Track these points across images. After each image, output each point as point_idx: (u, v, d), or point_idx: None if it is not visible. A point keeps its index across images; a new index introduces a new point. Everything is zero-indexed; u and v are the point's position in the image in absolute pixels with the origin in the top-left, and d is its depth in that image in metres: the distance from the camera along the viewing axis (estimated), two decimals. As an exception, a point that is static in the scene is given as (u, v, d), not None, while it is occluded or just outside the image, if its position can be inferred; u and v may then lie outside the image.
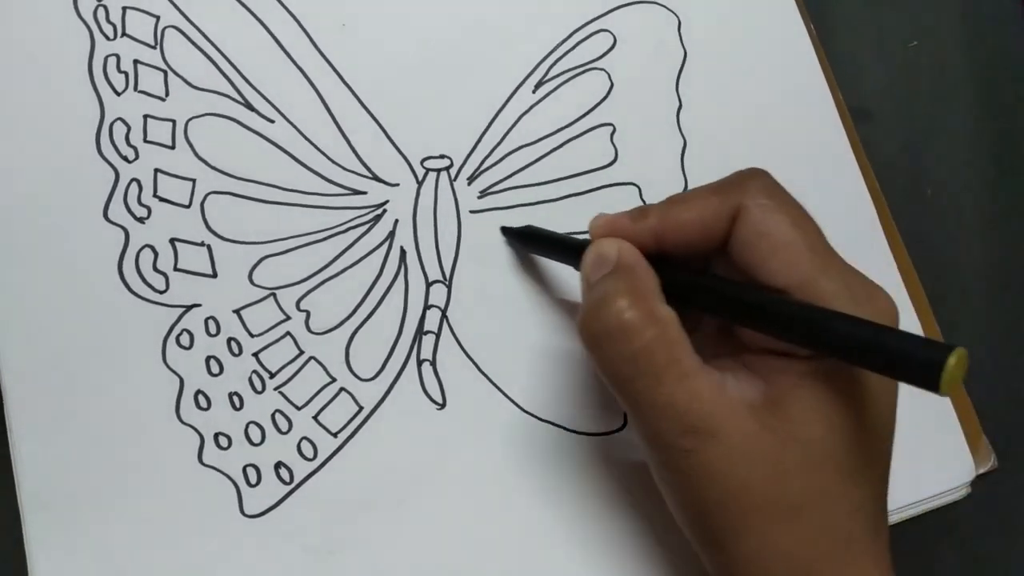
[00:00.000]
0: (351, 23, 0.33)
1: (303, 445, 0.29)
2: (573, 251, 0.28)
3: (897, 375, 0.21)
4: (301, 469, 0.29)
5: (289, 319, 0.30)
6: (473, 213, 0.32)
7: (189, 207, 0.30)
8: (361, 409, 0.30)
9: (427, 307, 0.31)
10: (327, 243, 0.31)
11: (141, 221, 0.30)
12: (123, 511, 0.28)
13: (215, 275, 0.30)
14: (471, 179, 0.32)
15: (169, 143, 0.30)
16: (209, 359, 0.29)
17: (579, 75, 0.34)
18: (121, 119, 0.30)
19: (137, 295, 0.29)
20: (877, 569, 0.23)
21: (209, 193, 0.30)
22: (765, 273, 0.24)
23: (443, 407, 0.30)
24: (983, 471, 0.33)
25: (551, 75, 0.34)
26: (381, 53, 0.33)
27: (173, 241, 0.30)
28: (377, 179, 0.32)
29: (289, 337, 0.30)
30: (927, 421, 0.33)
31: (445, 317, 0.31)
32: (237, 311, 0.30)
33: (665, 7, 0.36)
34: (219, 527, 0.28)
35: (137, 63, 0.31)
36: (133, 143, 0.30)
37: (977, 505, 0.34)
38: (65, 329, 0.28)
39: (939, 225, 0.41)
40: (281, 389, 0.29)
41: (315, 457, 0.29)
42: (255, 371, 0.29)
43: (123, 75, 0.31)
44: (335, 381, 0.30)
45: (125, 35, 0.31)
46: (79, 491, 0.27)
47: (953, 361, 0.19)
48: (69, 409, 0.28)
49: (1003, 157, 0.42)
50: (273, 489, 0.29)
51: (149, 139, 0.30)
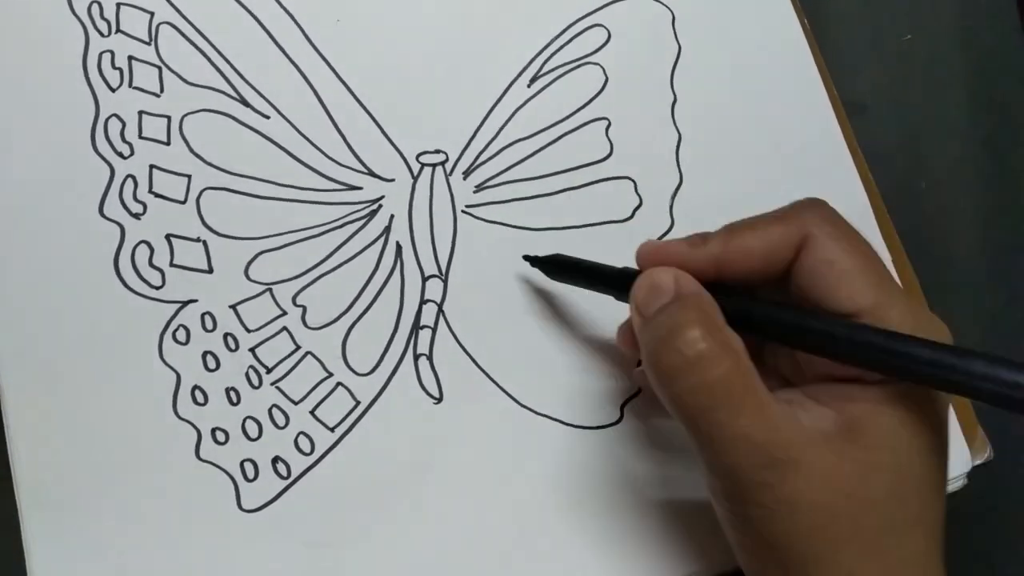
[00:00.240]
0: (346, 18, 0.33)
1: (300, 440, 0.29)
2: (615, 280, 0.27)
3: (981, 397, 0.21)
4: (298, 464, 0.29)
5: (285, 314, 0.30)
6: (469, 208, 0.32)
7: (185, 203, 0.30)
8: (358, 404, 0.30)
9: (423, 302, 0.31)
10: (323, 238, 0.31)
11: (137, 217, 0.30)
12: (121, 507, 0.28)
13: (211, 271, 0.30)
14: (467, 174, 0.32)
15: (164, 139, 0.30)
16: (206, 354, 0.29)
17: (574, 70, 0.34)
18: (116, 115, 0.30)
19: (133, 291, 0.29)
20: None
21: (205, 189, 0.30)
22: (832, 300, 0.24)
23: (440, 401, 0.30)
24: (979, 462, 0.33)
25: (546, 70, 0.34)
26: (376, 48, 0.33)
27: (169, 237, 0.30)
28: (372, 174, 0.32)
29: (285, 332, 0.30)
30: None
31: (441, 312, 0.31)
32: (233, 307, 0.30)
33: (659, 2, 0.36)
34: (217, 522, 0.28)
35: (132, 59, 0.31)
36: (128, 139, 0.30)
37: (974, 496, 0.34)
38: (61, 325, 0.28)
39: (933, 218, 0.41)
40: (278, 384, 0.29)
41: (312, 452, 0.29)
42: (252, 366, 0.29)
43: (118, 71, 0.31)
44: (332, 376, 0.30)
45: (119, 31, 0.31)
46: (77, 488, 0.27)
47: None
48: (66, 406, 0.28)
49: (997, 150, 0.42)
50: (271, 484, 0.29)
51: (144, 135, 0.30)
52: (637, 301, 0.25)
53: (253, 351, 0.29)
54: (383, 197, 0.32)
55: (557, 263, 0.30)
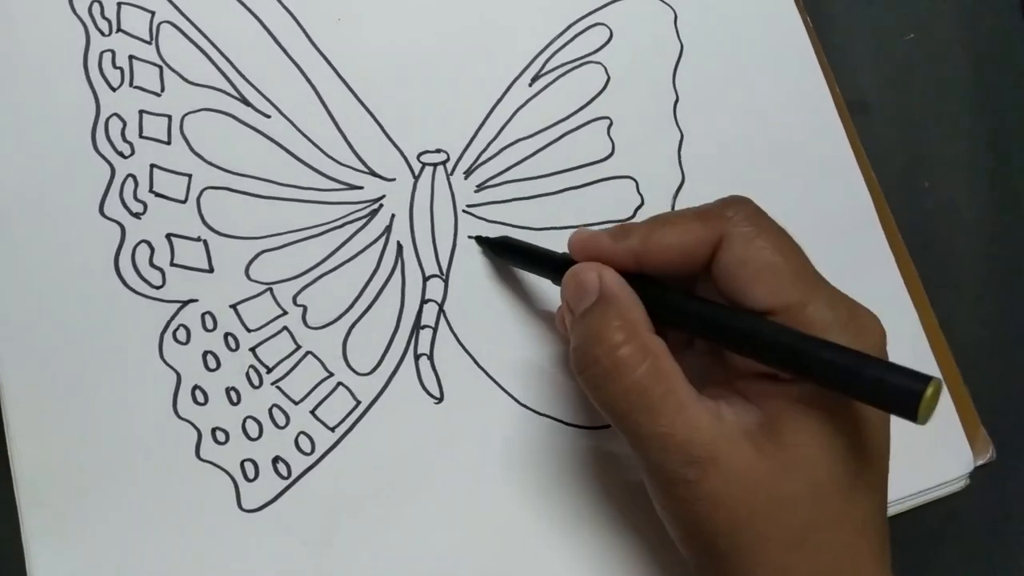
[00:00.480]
0: (347, 18, 0.33)
1: (301, 439, 0.29)
2: (551, 266, 0.28)
3: (875, 403, 0.21)
4: (299, 463, 0.29)
5: (286, 314, 0.30)
6: (470, 207, 0.32)
7: (185, 202, 0.30)
8: (359, 403, 0.30)
9: (424, 301, 0.31)
10: (324, 238, 0.31)
11: (137, 217, 0.30)
12: (120, 506, 0.28)
13: (212, 270, 0.30)
14: (468, 173, 0.32)
15: (165, 138, 0.30)
16: (206, 354, 0.29)
17: (575, 69, 0.34)
18: (117, 115, 0.30)
19: (134, 291, 0.29)
20: None
21: (205, 188, 0.30)
22: (749, 298, 0.24)
23: (440, 401, 0.30)
24: (982, 463, 0.33)
25: (547, 69, 0.34)
26: (377, 48, 0.33)
27: (169, 236, 0.30)
28: (373, 174, 0.32)
29: (286, 332, 0.30)
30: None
31: (442, 311, 0.31)
32: (234, 306, 0.30)
33: (661, 1, 0.35)
34: (217, 522, 0.28)
35: (132, 59, 0.31)
36: (129, 139, 0.30)
37: (976, 497, 0.34)
38: (61, 325, 0.28)
39: (936, 218, 0.41)
40: (278, 384, 0.29)
41: (313, 451, 0.29)
42: (252, 366, 0.29)
43: (118, 71, 0.31)
44: (332, 376, 0.30)
45: (120, 31, 0.31)
46: (76, 487, 0.27)
47: (929, 392, 0.19)
48: (66, 405, 0.28)
49: (1000, 150, 0.42)
50: (271, 483, 0.29)
51: (145, 134, 0.30)
52: (567, 297, 0.27)
53: (254, 351, 0.29)
54: (384, 196, 0.32)
55: (505, 246, 0.31)
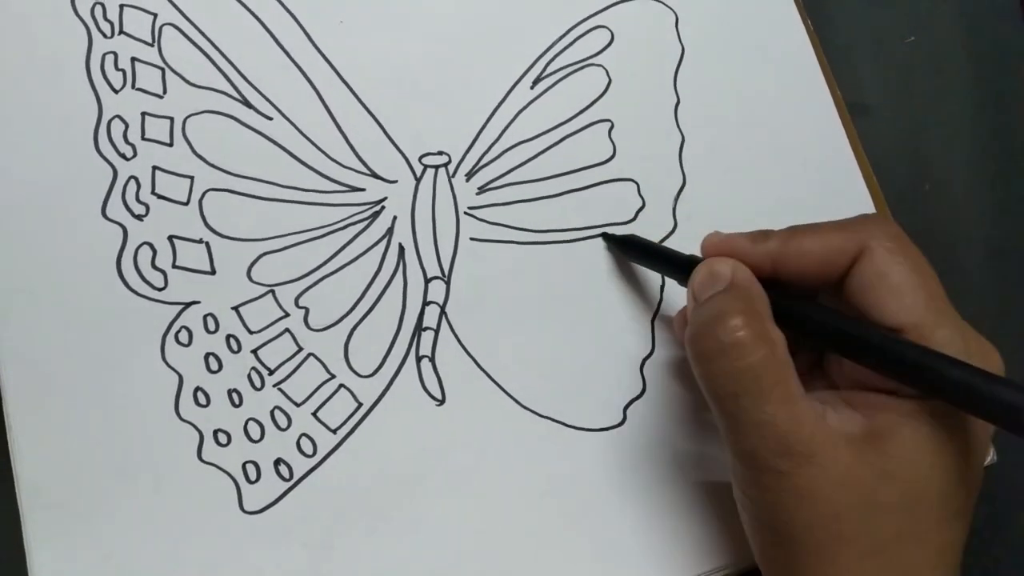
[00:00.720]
0: (349, 20, 0.33)
1: (302, 441, 0.29)
2: (679, 265, 0.28)
3: (1010, 427, 0.21)
4: (300, 465, 0.29)
5: (288, 316, 0.30)
6: (471, 209, 0.32)
7: (187, 204, 0.30)
8: (360, 405, 0.30)
9: (426, 303, 0.31)
10: (325, 240, 0.31)
11: (139, 218, 0.30)
12: (122, 509, 0.28)
13: (214, 272, 0.30)
14: (469, 175, 0.32)
15: (167, 140, 0.30)
16: (208, 356, 0.29)
17: (577, 71, 0.34)
18: (119, 116, 0.30)
19: (136, 292, 0.29)
20: None
21: (207, 190, 0.30)
22: (880, 313, 0.24)
23: (442, 403, 0.30)
24: (983, 464, 0.33)
25: (549, 71, 0.34)
26: (379, 50, 0.33)
27: (171, 238, 0.30)
28: (375, 176, 0.32)
29: (288, 334, 0.30)
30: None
31: (444, 313, 0.31)
32: (236, 308, 0.30)
33: (662, 3, 0.36)
34: (218, 524, 0.28)
35: (135, 61, 0.31)
36: (131, 140, 0.30)
37: (977, 499, 0.34)
38: (64, 327, 0.28)
39: (937, 220, 0.41)
40: (280, 386, 0.29)
41: (314, 453, 0.29)
42: (254, 368, 0.29)
43: (121, 73, 0.31)
44: (334, 377, 0.30)
45: (123, 33, 0.31)
46: (79, 489, 0.27)
47: None
48: (68, 407, 0.28)
49: (1001, 152, 0.42)
50: (272, 485, 0.29)
51: (147, 136, 0.30)
52: (694, 286, 0.26)
53: (255, 353, 0.29)
54: (386, 199, 0.32)
55: (630, 242, 0.32)
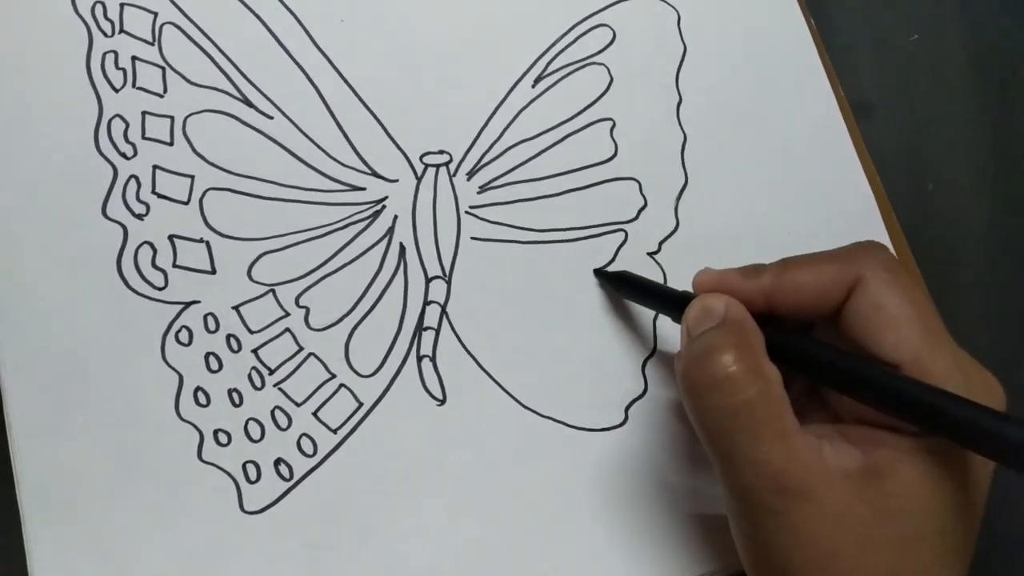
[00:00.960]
0: (349, 19, 0.33)
1: (303, 441, 0.29)
2: (672, 302, 0.28)
3: (1018, 466, 0.20)
4: (301, 465, 0.29)
5: (288, 315, 0.30)
6: (473, 208, 0.32)
7: (188, 203, 0.30)
8: (361, 405, 0.30)
9: (427, 303, 0.31)
10: (326, 239, 0.31)
11: (140, 218, 0.30)
12: (123, 508, 0.28)
13: (214, 272, 0.30)
14: (470, 174, 0.32)
15: (167, 139, 0.30)
16: (208, 356, 0.29)
17: (578, 70, 0.34)
18: (119, 116, 0.30)
19: (136, 292, 0.29)
20: None
21: (208, 189, 0.30)
22: (877, 346, 0.24)
23: (443, 403, 0.30)
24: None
25: (550, 70, 0.34)
26: (379, 49, 0.33)
27: (172, 238, 0.30)
28: (376, 175, 0.32)
29: (288, 333, 0.30)
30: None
31: (445, 313, 0.31)
32: (236, 307, 0.30)
33: (664, 2, 0.35)
34: (219, 524, 0.28)
35: (135, 59, 0.31)
36: (131, 140, 0.30)
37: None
38: (64, 326, 0.28)
39: (940, 219, 0.41)
40: (280, 385, 0.29)
41: (315, 453, 0.29)
42: (254, 367, 0.29)
43: (121, 72, 0.30)
44: (335, 377, 0.30)
45: (123, 32, 0.31)
46: (78, 488, 0.27)
47: None
48: (68, 406, 0.28)
49: (1004, 151, 0.42)
50: (273, 485, 0.28)
51: (147, 135, 0.30)
52: (688, 322, 0.26)
53: (256, 352, 0.29)
54: (387, 198, 0.32)
55: (623, 279, 0.31)
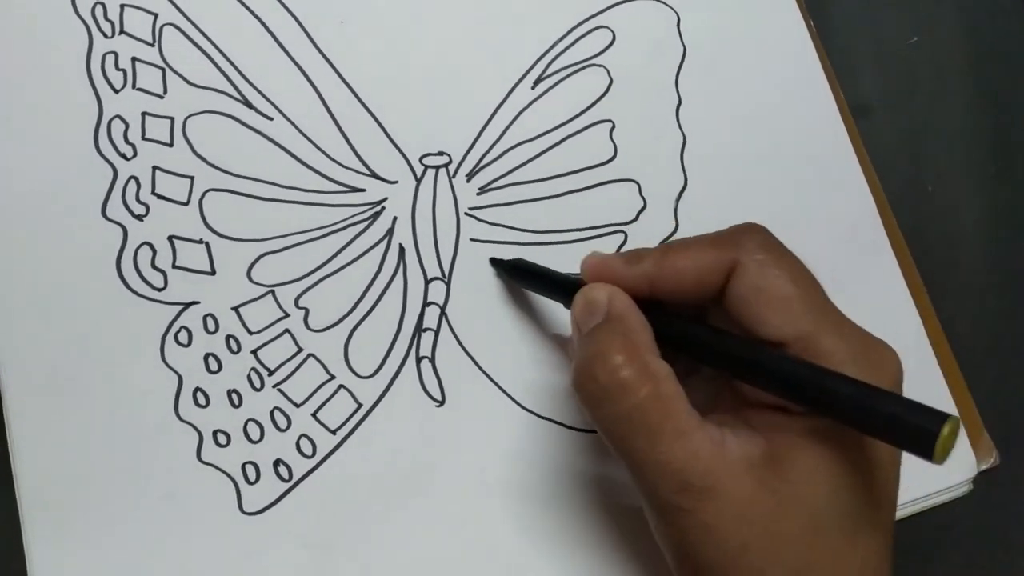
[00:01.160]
0: (349, 20, 0.33)
1: (302, 442, 0.29)
2: (564, 289, 0.28)
3: (891, 440, 0.20)
4: (300, 466, 0.29)
5: (288, 316, 0.30)
6: (472, 210, 0.32)
7: (187, 204, 0.30)
8: (360, 406, 0.30)
9: (426, 304, 0.31)
10: (325, 240, 0.31)
11: (139, 219, 0.30)
12: (122, 509, 0.28)
13: (213, 272, 0.30)
14: (470, 176, 0.32)
15: (167, 140, 0.30)
16: (208, 357, 0.29)
17: (578, 71, 0.34)
18: (119, 116, 0.30)
19: (135, 293, 0.29)
20: None
21: (207, 190, 0.30)
22: (762, 328, 0.24)
23: (442, 404, 0.30)
24: (985, 468, 0.33)
25: (550, 71, 0.34)
26: (379, 50, 0.33)
27: (171, 239, 0.30)
28: (376, 176, 0.32)
29: (288, 335, 0.30)
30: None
31: (444, 314, 0.31)
32: (236, 308, 0.30)
33: (664, 3, 0.35)
34: (218, 525, 0.28)
35: (135, 60, 0.31)
36: (131, 140, 0.30)
37: (979, 502, 0.33)
38: (63, 327, 0.28)
39: (939, 220, 0.41)
40: (280, 386, 0.29)
41: (314, 454, 0.29)
42: (254, 368, 0.29)
43: (121, 73, 0.30)
44: (334, 378, 0.30)
45: (123, 33, 0.31)
46: (78, 489, 0.27)
47: (946, 431, 0.19)
48: (68, 407, 0.28)
49: (1003, 152, 0.42)
50: (272, 486, 0.28)
51: (147, 136, 0.30)
52: (575, 316, 0.26)
53: (255, 353, 0.29)
54: (386, 199, 0.32)
55: (519, 268, 0.31)
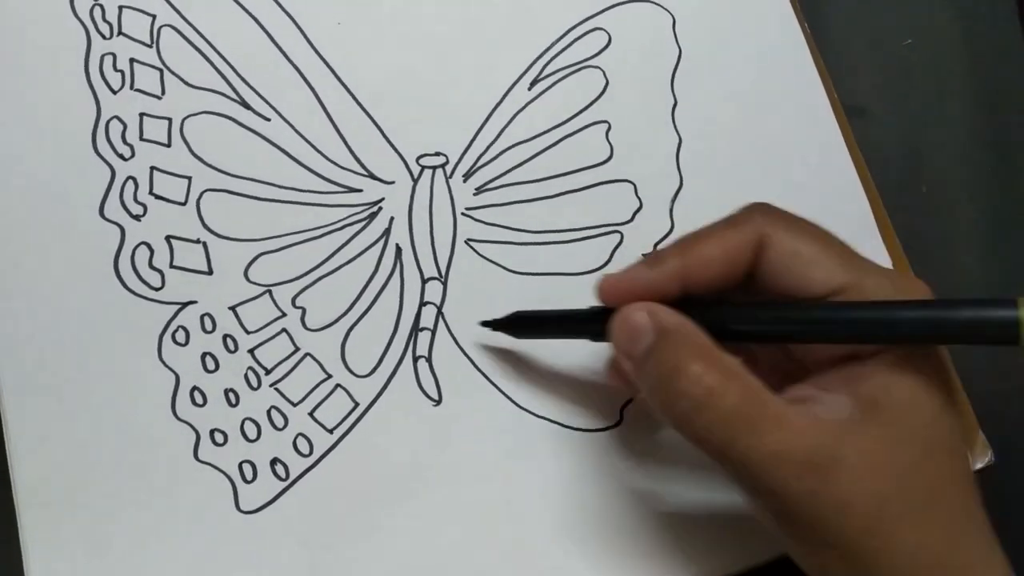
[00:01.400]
0: (347, 21, 0.33)
1: (299, 441, 0.29)
2: (583, 324, 0.27)
3: (974, 339, 0.21)
4: (297, 465, 0.29)
5: (284, 316, 0.30)
6: (469, 210, 0.32)
7: (185, 204, 0.30)
8: (357, 405, 0.30)
9: (423, 304, 0.31)
10: (323, 240, 0.31)
11: (137, 219, 0.30)
12: (119, 508, 0.28)
13: (211, 272, 0.30)
14: (467, 176, 0.33)
15: (165, 141, 0.30)
16: (205, 356, 0.29)
17: (574, 73, 0.34)
18: (117, 117, 0.30)
19: (133, 292, 0.29)
20: (989, 533, 0.24)
21: (205, 191, 0.30)
22: (808, 287, 0.24)
23: (439, 403, 0.30)
24: (980, 467, 0.33)
25: (546, 73, 0.34)
26: (377, 51, 0.33)
27: (169, 238, 0.30)
28: (373, 177, 0.32)
29: (285, 334, 0.30)
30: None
31: (441, 314, 0.31)
32: (233, 308, 0.30)
33: (659, 5, 0.36)
34: (215, 523, 0.28)
35: (133, 61, 0.31)
36: (129, 141, 0.30)
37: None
38: (61, 326, 0.28)
39: (934, 222, 0.41)
40: (277, 386, 0.29)
41: (311, 453, 0.29)
42: (251, 368, 0.29)
43: (119, 73, 0.31)
44: (331, 377, 0.30)
45: (121, 34, 0.31)
46: (75, 488, 0.27)
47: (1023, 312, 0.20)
48: (65, 406, 0.28)
49: (998, 154, 0.42)
50: (269, 485, 0.29)
51: (145, 137, 0.30)
52: (620, 345, 0.25)
53: (252, 352, 0.29)
54: (383, 199, 0.32)
55: (520, 320, 0.29)
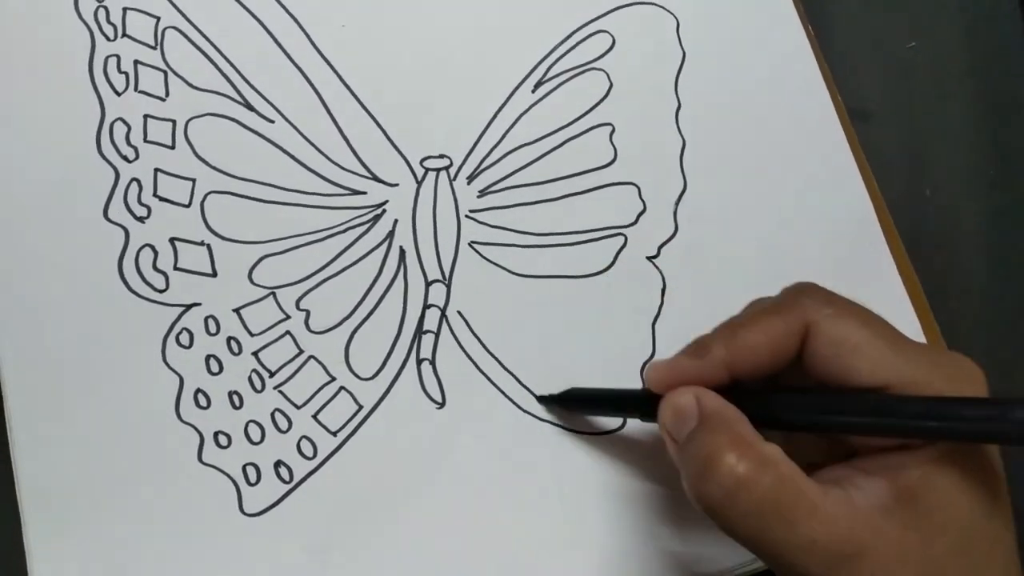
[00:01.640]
0: (351, 23, 0.33)
1: (303, 444, 0.29)
2: (633, 405, 0.28)
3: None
4: (301, 468, 0.29)
5: (289, 318, 0.30)
6: (472, 212, 0.32)
7: (189, 206, 0.30)
8: (360, 408, 0.30)
9: (426, 306, 0.31)
10: (326, 243, 0.31)
11: (141, 220, 0.30)
12: (123, 510, 0.28)
13: (215, 274, 0.30)
14: (470, 179, 0.33)
15: (169, 143, 0.30)
16: (209, 358, 0.29)
17: (578, 75, 0.34)
18: (121, 119, 0.30)
19: (137, 294, 0.29)
20: None
21: (209, 193, 0.30)
22: (854, 377, 0.24)
23: (442, 406, 0.30)
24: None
25: (550, 75, 0.34)
26: (380, 53, 0.33)
27: (173, 240, 0.30)
28: (376, 179, 0.32)
29: (289, 336, 0.30)
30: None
31: (444, 316, 0.31)
32: (237, 310, 0.30)
33: (663, 8, 0.36)
34: (218, 526, 0.28)
35: (137, 63, 0.31)
36: (133, 143, 0.30)
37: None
38: (65, 328, 0.28)
39: (937, 225, 0.41)
40: (281, 388, 0.29)
41: (315, 456, 0.29)
42: (255, 370, 0.29)
43: (123, 75, 0.31)
44: (335, 380, 0.30)
45: (125, 36, 0.31)
46: (79, 490, 0.27)
47: None
48: (69, 408, 0.28)
49: (1002, 157, 0.42)
50: (273, 488, 0.29)
51: (149, 139, 0.30)
52: (667, 429, 0.25)
53: (256, 355, 0.29)
54: (387, 202, 0.32)
55: (572, 398, 0.30)
